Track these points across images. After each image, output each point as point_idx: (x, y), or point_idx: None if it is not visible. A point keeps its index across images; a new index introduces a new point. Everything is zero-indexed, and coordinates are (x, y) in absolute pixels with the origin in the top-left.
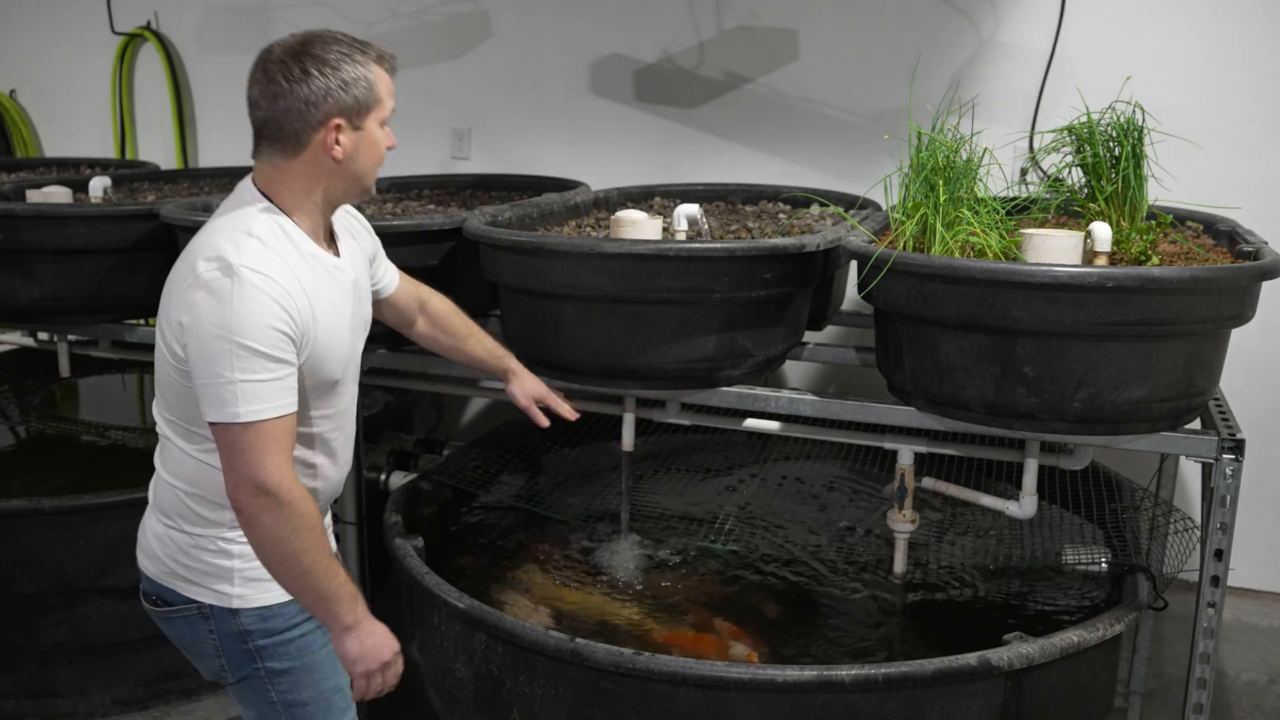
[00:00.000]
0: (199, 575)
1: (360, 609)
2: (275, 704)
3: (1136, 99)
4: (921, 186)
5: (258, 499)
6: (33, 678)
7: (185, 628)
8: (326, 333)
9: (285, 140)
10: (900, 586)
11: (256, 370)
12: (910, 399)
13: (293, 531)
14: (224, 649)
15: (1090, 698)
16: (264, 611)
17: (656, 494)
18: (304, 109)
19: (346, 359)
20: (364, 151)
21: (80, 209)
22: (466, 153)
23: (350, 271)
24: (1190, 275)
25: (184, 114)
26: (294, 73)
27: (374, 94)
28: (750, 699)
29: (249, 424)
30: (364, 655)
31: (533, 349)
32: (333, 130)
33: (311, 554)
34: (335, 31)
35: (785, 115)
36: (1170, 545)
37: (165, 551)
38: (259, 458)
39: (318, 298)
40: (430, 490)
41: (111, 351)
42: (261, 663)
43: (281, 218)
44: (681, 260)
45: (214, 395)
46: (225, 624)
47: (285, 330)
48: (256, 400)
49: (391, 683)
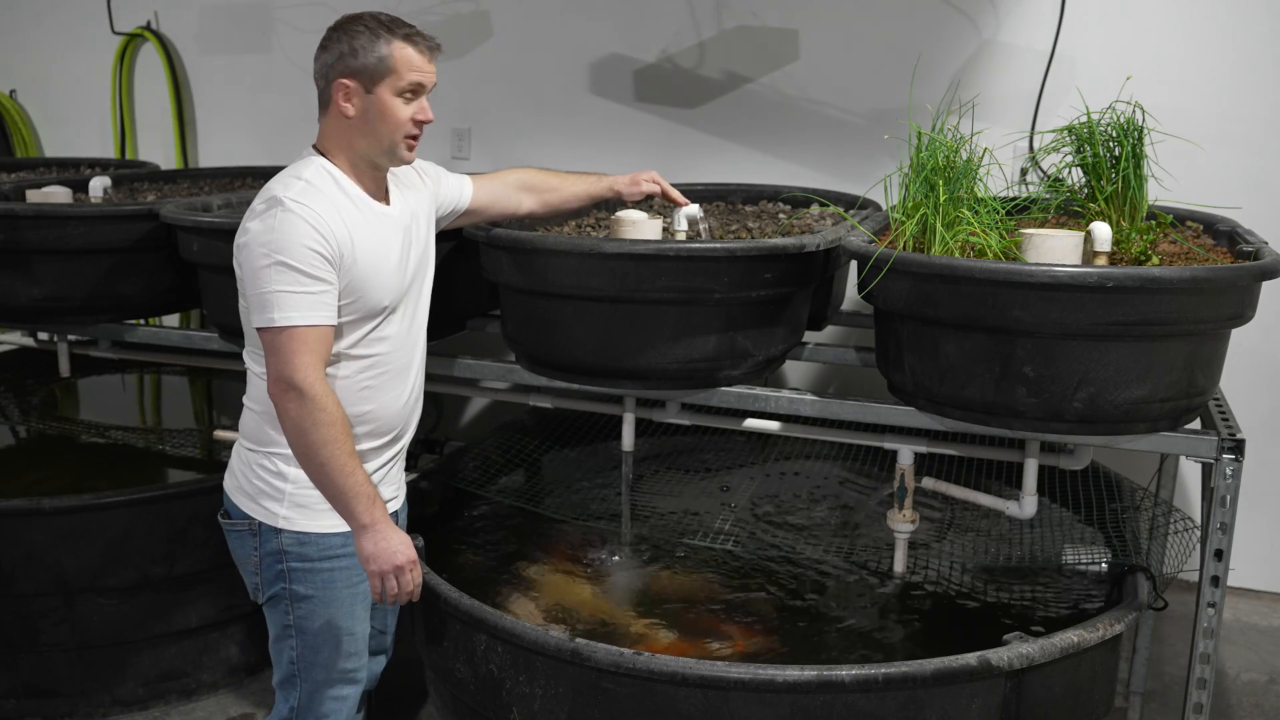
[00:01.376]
0: (256, 493)
1: (378, 510)
2: (290, 626)
3: (1136, 99)
4: (921, 186)
5: (287, 393)
6: (33, 678)
7: (238, 542)
8: (368, 261)
9: (321, 99)
10: (900, 586)
11: (292, 284)
12: (910, 399)
13: (313, 424)
14: (262, 566)
15: (1090, 698)
16: (302, 536)
17: (656, 493)
18: (325, 70)
19: (396, 289)
20: (378, 115)
21: (80, 209)
22: (466, 153)
23: (400, 218)
24: (1190, 275)
25: (184, 114)
26: (326, 41)
27: (387, 65)
28: (750, 699)
29: (283, 328)
30: (377, 554)
31: (533, 349)
32: (341, 89)
33: (329, 448)
34: (381, 14)
35: (785, 115)
36: (1170, 545)
37: (238, 467)
38: (290, 358)
39: (359, 230)
40: (430, 490)
41: (111, 351)
42: (289, 584)
43: (331, 166)
44: (681, 260)
45: (258, 303)
46: (269, 542)
47: (320, 251)
48: (291, 309)
49: (407, 589)
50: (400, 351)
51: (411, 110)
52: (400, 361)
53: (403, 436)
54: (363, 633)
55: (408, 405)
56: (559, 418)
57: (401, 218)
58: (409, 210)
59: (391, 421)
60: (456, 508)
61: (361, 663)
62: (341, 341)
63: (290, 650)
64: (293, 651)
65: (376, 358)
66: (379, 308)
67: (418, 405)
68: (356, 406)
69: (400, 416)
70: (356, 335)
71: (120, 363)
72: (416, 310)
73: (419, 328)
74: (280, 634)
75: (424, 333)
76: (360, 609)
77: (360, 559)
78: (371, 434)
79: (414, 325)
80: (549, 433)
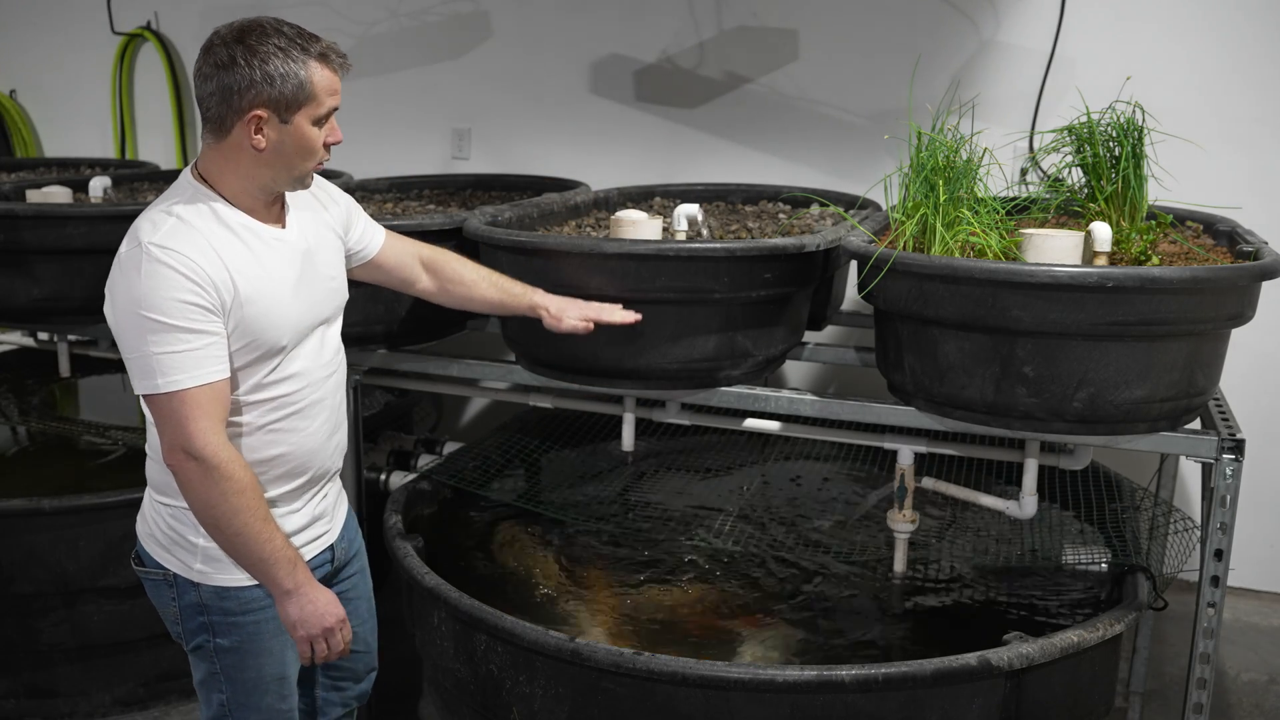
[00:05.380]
0: (170, 544)
1: (300, 574)
2: (218, 675)
3: (1136, 99)
4: (921, 186)
5: (187, 463)
6: (33, 678)
7: (154, 591)
8: (258, 296)
9: (212, 123)
10: (900, 586)
11: (170, 343)
12: (910, 399)
13: (222, 495)
14: (182, 617)
15: (1090, 698)
16: (221, 591)
17: (656, 493)
18: (228, 96)
19: (293, 324)
20: (291, 145)
21: (80, 209)
22: (466, 153)
23: (298, 242)
24: (1190, 275)
25: (184, 114)
26: (223, 59)
27: (306, 91)
28: (750, 699)
29: (171, 393)
30: (304, 620)
31: (533, 349)
32: (253, 121)
33: (242, 517)
34: (283, 23)
35: (785, 115)
36: (1170, 545)
37: (149, 513)
38: (184, 424)
39: (244, 267)
40: (430, 490)
41: (111, 351)
42: (213, 637)
43: (211, 195)
44: (681, 260)
45: (137, 368)
46: (187, 594)
47: (196, 302)
48: (175, 370)
49: (337, 649)
50: (310, 387)
51: (325, 134)
52: (311, 396)
53: (326, 472)
54: (293, 675)
55: (326, 440)
56: (559, 418)
57: (299, 241)
58: (311, 231)
59: (308, 460)
60: (456, 508)
61: (293, 701)
62: (241, 386)
63: (219, 694)
64: (222, 695)
65: (283, 398)
66: (277, 346)
67: (340, 436)
68: (266, 451)
69: (318, 454)
70: (257, 377)
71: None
72: (325, 338)
73: (330, 353)
74: (207, 679)
75: (341, 359)
76: (290, 654)
77: (286, 625)
78: (288, 475)
79: (323, 353)
80: (549, 433)
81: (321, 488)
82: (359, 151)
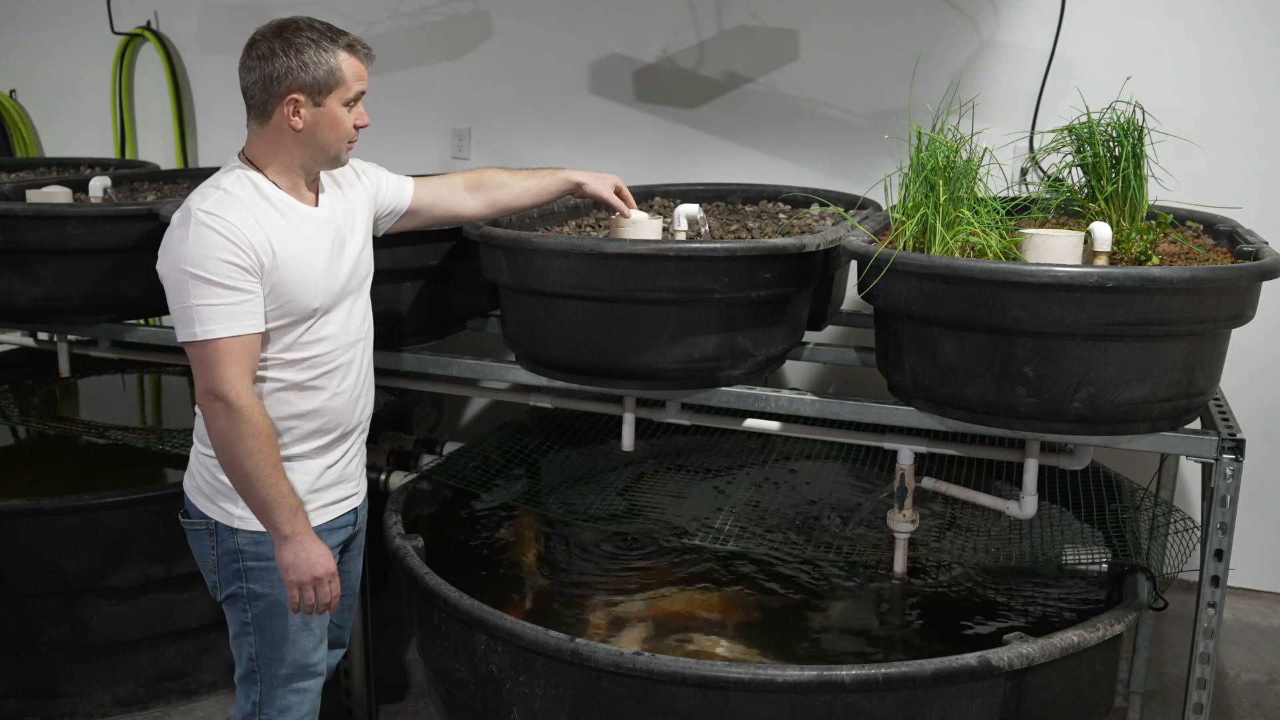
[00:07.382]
0: (213, 492)
1: (299, 522)
2: (249, 624)
3: (1136, 99)
4: (921, 186)
5: (214, 405)
6: (33, 678)
7: (196, 541)
8: (292, 264)
9: (256, 109)
10: (900, 586)
11: (209, 296)
12: (910, 399)
13: (238, 436)
14: (219, 565)
15: (1090, 698)
16: (258, 536)
17: (656, 493)
18: (269, 84)
19: (327, 290)
20: (325, 126)
21: (80, 209)
22: (466, 153)
23: (330, 219)
24: (1190, 275)
25: (184, 114)
26: (264, 51)
27: (336, 77)
28: (750, 699)
29: (206, 341)
30: (297, 565)
31: (533, 349)
32: (291, 104)
33: (253, 459)
34: (314, 20)
35: (785, 115)
36: (1170, 545)
37: (195, 468)
38: (215, 370)
39: (281, 235)
40: (430, 490)
41: (111, 351)
42: (246, 583)
43: (254, 174)
44: (681, 260)
45: (180, 318)
46: (225, 541)
47: (235, 262)
48: (211, 321)
49: (324, 600)
50: (340, 349)
51: (354, 117)
52: (342, 358)
53: (353, 431)
54: (320, 628)
55: (353, 399)
56: (559, 418)
57: (331, 219)
58: (341, 210)
59: (338, 417)
60: (456, 508)
61: (321, 655)
62: (277, 344)
63: (249, 647)
64: (251, 648)
65: (315, 358)
66: (309, 310)
67: (366, 398)
68: (299, 405)
69: (346, 412)
70: (291, 337)
71: (120, 363)
72: (354, 307)
73: (357, 323)
74: (239, 631)
75: (368, 327)
76: None
77: (280, 568)
78: (319, 431)
79: (351, 322)
80: (549, 433)
81: (349, 449)
82: (359, 151)
